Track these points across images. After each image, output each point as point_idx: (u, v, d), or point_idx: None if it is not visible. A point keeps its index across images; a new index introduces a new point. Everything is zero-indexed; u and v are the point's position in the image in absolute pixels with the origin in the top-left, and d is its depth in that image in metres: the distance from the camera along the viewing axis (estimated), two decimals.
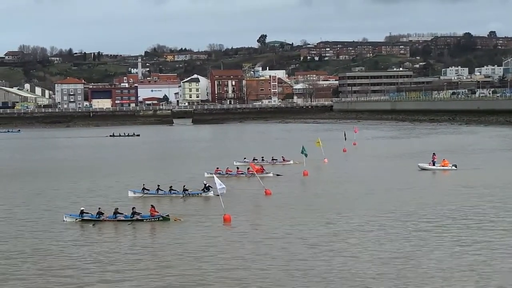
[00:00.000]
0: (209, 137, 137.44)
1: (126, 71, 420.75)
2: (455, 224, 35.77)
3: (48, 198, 48.91)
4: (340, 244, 31.75)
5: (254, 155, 71.33)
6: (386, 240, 32.33)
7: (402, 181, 54.55)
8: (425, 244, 31.06)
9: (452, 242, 31.50)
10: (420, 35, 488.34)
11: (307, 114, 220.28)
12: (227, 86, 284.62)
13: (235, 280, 26.14)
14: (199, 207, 43.56)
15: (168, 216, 38.72)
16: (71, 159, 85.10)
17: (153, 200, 45.40)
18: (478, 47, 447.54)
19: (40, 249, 32.11)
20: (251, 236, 34.08)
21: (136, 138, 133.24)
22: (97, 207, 40.31)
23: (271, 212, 41.11)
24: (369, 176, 58.38)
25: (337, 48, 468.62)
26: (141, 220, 38.39)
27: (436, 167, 61.88)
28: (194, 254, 30.49)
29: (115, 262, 29.38)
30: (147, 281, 26.42)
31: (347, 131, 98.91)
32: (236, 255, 30.16)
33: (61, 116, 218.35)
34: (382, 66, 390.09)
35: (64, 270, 28.28)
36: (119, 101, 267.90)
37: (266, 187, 48.64)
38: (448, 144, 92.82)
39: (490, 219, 36.79)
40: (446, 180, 56.05)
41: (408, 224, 35.83)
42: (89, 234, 35.89)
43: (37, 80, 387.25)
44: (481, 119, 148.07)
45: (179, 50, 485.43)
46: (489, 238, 32.23)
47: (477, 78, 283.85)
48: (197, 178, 55.35)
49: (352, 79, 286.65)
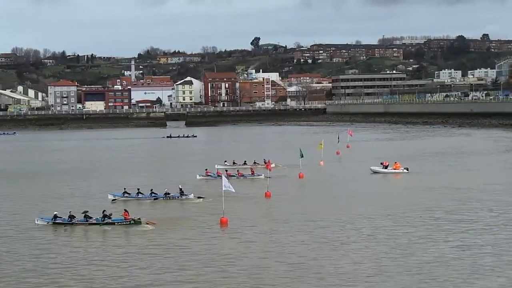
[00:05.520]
0: (204, 139, 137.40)
1: (119, 73, 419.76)
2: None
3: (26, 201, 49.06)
4: (340, 246, 31.94)
5: (234, 159, 72.04)
6: (385, 238, 32.56)
7: (396, 183, 54.90)
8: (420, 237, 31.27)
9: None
10: (413, 38, 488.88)
11: (301, 116, 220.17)
12: (220, 88, 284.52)
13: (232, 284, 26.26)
14: (198, 210, 43.59)
15: (139, 220, 38.44)
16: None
17: (145, 204, 45.76)
18: (471, 50, 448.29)
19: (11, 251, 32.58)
20: (248, 241, 34.18)
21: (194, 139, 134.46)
22: (102, 209, 40.49)
23: (269, 215, 41.32)
24: (362, 179, 58.87)
25: (331, 51, 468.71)
26: (112, 223, 38.25)
27: (388, 170, 62.75)
28: (184, 258, 30.60)
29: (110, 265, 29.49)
30: (140, 284, 26.52)
31: (341, 133, 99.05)
32: (230, 258, 30.28)
33: (54, 119, 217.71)
34: (376, 68, 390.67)
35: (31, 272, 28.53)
36: (113, 103, 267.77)
37: (266, 190, 48.74)
38: (442, 146, 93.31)
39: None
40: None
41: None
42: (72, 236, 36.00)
43: (30, 82, 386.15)
44: (474, 121, 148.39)
45: (172, 52, 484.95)
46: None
47: (470, 81, 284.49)
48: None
49: (345, 81, 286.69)
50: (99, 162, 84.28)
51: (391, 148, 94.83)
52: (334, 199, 47.52)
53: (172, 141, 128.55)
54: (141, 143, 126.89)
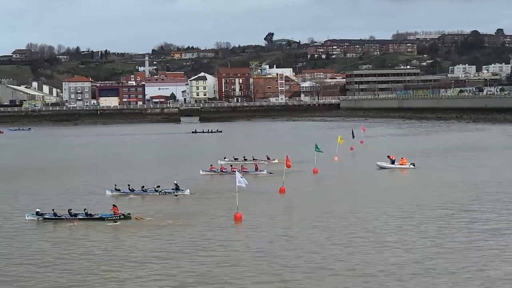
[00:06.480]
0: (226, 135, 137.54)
1: (133, 69, 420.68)
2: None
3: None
4: (356, 243, 32.03)
5: (234, 155, 72.63)
6: (404, 233, 32.70)
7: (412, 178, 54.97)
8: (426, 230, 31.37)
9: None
10: (427, 33, 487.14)
11: (314, 112, 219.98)
12: (234, 84, 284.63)
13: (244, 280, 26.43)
14: (212, 205, 43.79)
15: (129, 215, 38.72)
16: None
17: (150, 199, 46.10)
18: (485, 44, 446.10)
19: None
20: (260, 235, 34.32)
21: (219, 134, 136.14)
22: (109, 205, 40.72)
23: (284, 211, 41.49)
24: (374, 175, 59.02)
25: (344, 46, 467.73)
26: (102, 218, 38.55)
27: (395, 165, 62.88)
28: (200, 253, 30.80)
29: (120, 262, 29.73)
30: (154, 281, 26.76)
31: (355, 129, 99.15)
32: (245, 254, 30.45)
33: (69, 114, 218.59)
34: (390, 64, 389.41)
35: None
36: (127, 99, 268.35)
37: (281, 185, 48.86)
38: (455, 142, 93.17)
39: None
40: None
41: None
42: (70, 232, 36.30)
43: (45, 78, 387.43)
44: (488, 117, 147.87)
45: (186, 48, 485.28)
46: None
47: (484, 76, 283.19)
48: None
49: (359, 77, 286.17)
50: (116, 157, 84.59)
51: (405, 144, 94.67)
52: (349, 195, 47.59)
53: (189, 137, 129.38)
54: (156, 139, 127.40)
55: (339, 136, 74.90)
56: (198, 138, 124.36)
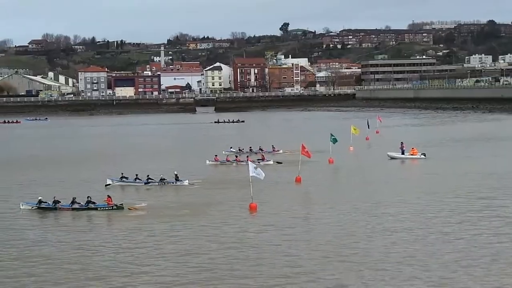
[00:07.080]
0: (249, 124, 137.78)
1: (149, 59, 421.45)
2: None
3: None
4: (372, 233, 32.01)
5: (239, 146, 72.69)
6: (423, 226, 32.72)
7: (427, 169, 54.91)
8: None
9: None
10: (443, 23, 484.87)
11: (330, 102, 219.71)
12: (249, 74, 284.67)
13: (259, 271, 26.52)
14: (226, 195, 43.91)
15: (122, 205, 38.93)
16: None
17: (170, 190, 46.33)
18: (502, 34, 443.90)
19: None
20: (276, 225, 34.38)
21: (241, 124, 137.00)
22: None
23: (299, 200, 41.56)
24: (386, 165, 59.18)
25: (360, 36, 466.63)
26: (95, 209, 38.75)
27: (405, 155, 62.84)
28: (217, 242, 30.90)
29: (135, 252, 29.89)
30: (169, 270, 26.90)
31: (370, 119, 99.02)
32: (259, 244, 30.53)
33: (85, 104, 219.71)
34: (405, 54, 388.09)
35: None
36: (142, 89, 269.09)
37: (298, 174, 48.92)
38: (471, 132, 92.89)
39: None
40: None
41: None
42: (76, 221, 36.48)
43: (61, 68, 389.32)
44: (505, 106, 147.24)
45: (201, 38, 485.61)
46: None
47: (501, 66, 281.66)
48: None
49: (375, 67, 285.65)
50: (133, 147, 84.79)
51: (421, 134, 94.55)
52: (365, 185, 47.55)
53: (212, 126, 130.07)
54: (172, 128, 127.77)
55: (353, 126, 74.81)
56: (221, 128, 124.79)
